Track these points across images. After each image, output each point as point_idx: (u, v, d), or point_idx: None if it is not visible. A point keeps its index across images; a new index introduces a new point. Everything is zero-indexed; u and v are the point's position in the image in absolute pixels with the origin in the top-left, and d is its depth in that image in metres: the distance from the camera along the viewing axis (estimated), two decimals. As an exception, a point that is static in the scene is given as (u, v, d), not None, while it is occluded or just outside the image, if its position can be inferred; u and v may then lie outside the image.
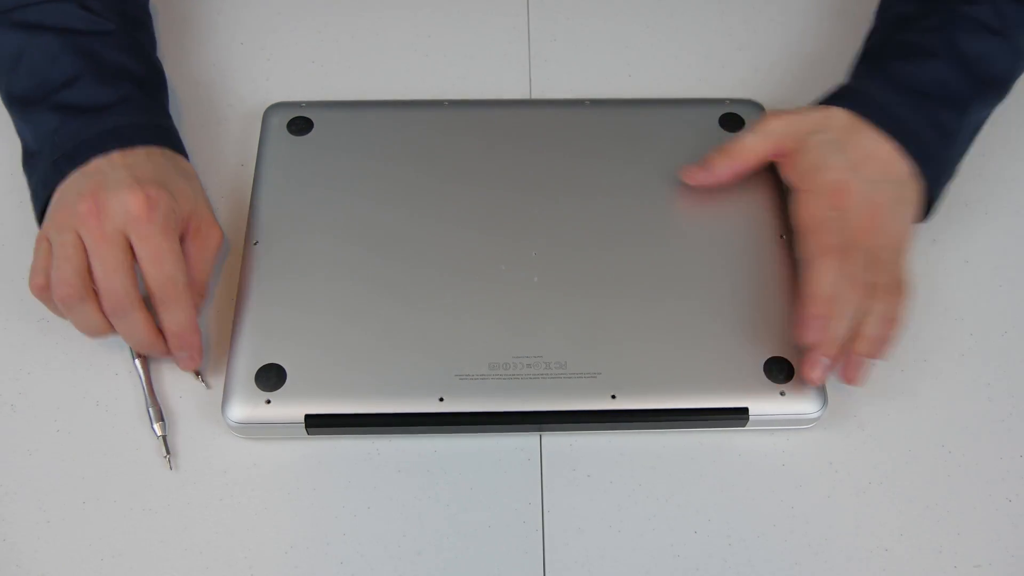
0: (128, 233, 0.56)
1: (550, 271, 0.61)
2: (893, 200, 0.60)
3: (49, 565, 0.54)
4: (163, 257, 0.56)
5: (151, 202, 0.56)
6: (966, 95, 0.63)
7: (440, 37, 0.76)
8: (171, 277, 0.56)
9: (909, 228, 0.60)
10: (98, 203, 0.56)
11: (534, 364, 0.58)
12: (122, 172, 0.58)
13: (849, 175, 0.59)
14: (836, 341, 0.56)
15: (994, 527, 0.56)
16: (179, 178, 0.60)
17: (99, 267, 0.55)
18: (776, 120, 0.62)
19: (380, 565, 0.55)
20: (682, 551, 0.55)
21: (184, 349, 0.58)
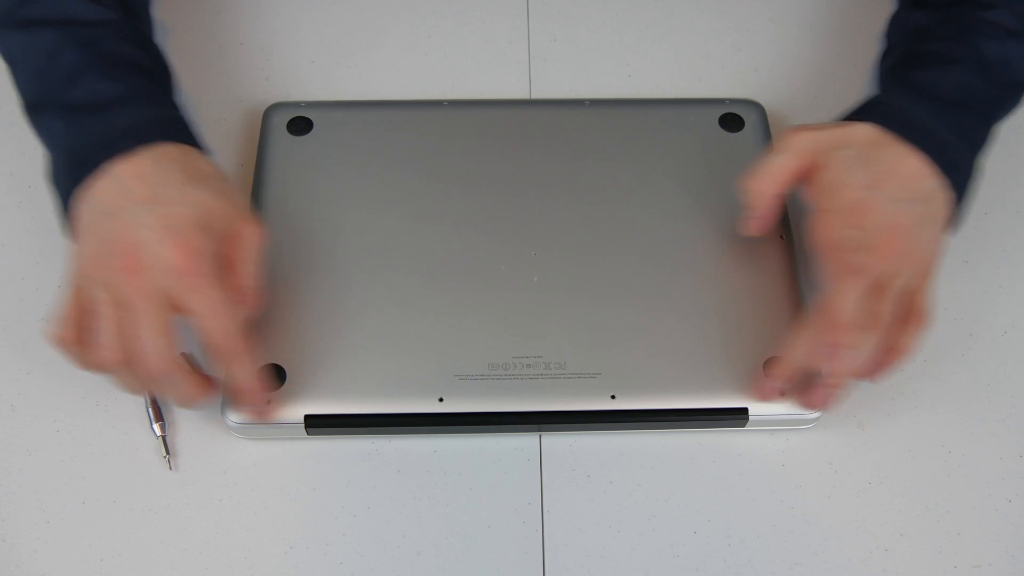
0: (170, 289, 0.52)
1: (550, 271, 0.61)
2: (917, 221, 0.56)
3: (49, 565, 0.54)
4: (217, 311, 0.52)
5: (193, 253, 0.52)
6: (991, 99, 0.61)
7: (440, 37, 0.76)
8: (226, 330, 0.52)
9: (934, 250, 0.57)
10: (135, 258, 0.51)
11: (534, 364, 0.58)
12: (148, 215, 0.52)
13: (869, 193, 0.55)
14: (846, 373, 0.55)
15: (994, 527, 0.56)
16: (202, 189, 0.55)
17: (142, 328, 0.51)
18: (800, 135, 0.59)
19: (380, 565, 0.55)
20: (682, 551, 0.55)
21: (252, 402, 0.55)
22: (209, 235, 0.53)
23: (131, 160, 0.54)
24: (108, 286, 0.52)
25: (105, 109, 0.57)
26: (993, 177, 0.69)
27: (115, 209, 0.53)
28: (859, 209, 0.55)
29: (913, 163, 0.56)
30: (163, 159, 0.55)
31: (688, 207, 0.64)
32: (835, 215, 0.56)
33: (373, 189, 0.64)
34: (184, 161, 0.56)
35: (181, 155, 0.56)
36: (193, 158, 0.57)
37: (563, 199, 0.64)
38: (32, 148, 0.69)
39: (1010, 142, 0.71)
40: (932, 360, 0.62)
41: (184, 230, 0.52)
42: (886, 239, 0.55)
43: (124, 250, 0.52)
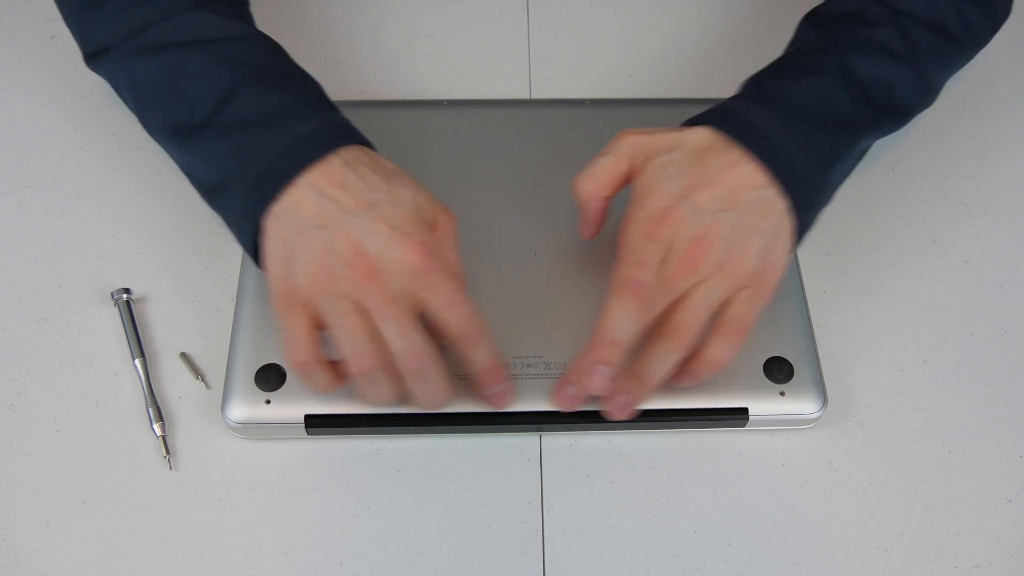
0: (411, 288, 0.51)
1: (550, 271, 0.61)
2: (729, 232, 0.53)
3: (49, 565, 0.54)
4: (457, 300, 0.52)
5: (425, 250, 0.51)
6: (855, 117, 0.58)
7: (440, 37, 0.76)
8: (470, 316, 0.52)
9: (762, 260, 0.54)
10: (371, 264, 0.51)
11: (534, 364, 0.58)
12: (371, 222, 0.52)
13: (676, 200, 0.53)
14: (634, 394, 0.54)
15: (994, 527, 0.56)
16: (403, 186, 0.54)
17: (393, 330, 0.51)
18: (628, 138, 0.57)
19: (380, 565, 0.55)
20: (682, 551, 0.55)
21: (496, 384, 0.54)
22: (428, 229, 0.53)
23: (322, 168, 0.53)
24: (348, 297, 0.51)
25: (275, 121, 0.55)
26: (993, 177, 0.69)
27: (327, 221, 0.52)
28: (663, 218, 0.53)
29: (743, 171, 0.54)
30: (353, 163, 0.54)
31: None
32: (637, 224, 0.54)
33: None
34: (371, 161, 0.55)
35: (365, 156, 0.55)
36: (375, 157, 0.56)
37: (563, 199, 0.64)
38: (32, 148, 0.69)
39: (1010, 142, 0.71)
40: (932, 360, 0.62)
41: (410, 229, 0.52)
42: (689, 251, 0.53)
43: (360, 260, 0.51)
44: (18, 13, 0.76)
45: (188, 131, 0.56)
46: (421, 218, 0.53)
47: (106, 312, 0.62)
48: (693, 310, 0.53)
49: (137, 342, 0.60)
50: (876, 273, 0.65)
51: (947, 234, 0.67)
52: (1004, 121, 0.72)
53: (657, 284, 0.53)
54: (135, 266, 0.64)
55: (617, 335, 0.52)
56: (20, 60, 0.73)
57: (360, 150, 0.55)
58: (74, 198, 0.67)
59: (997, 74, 0.75)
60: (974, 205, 0.68)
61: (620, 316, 0.52)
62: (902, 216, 0.68)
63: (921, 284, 0.65)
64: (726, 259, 0.53)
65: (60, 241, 0.65)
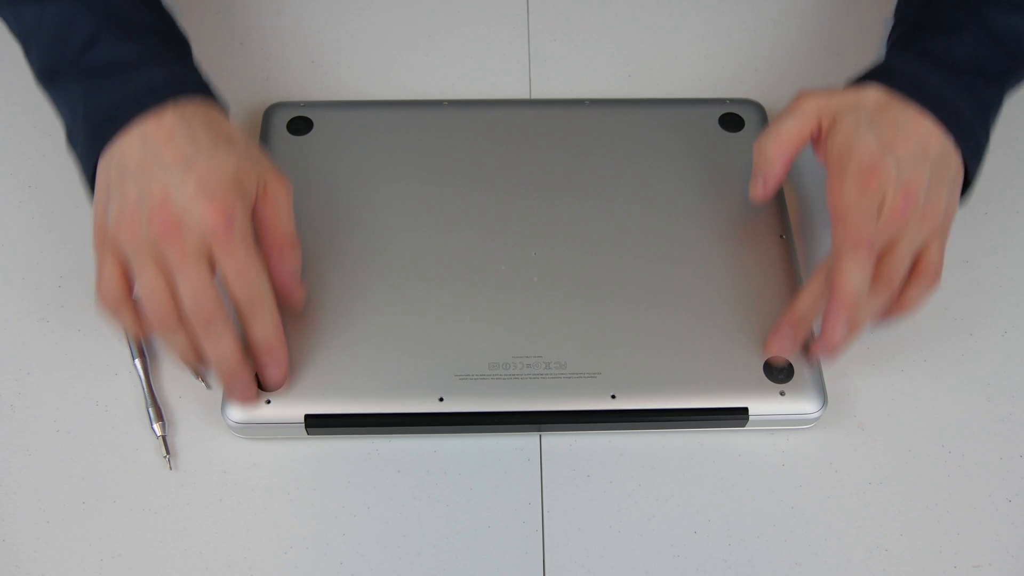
0: (207, 246, 0.53)
1: (550, 271, 0.61)
2: (929, 180, 0.57)
3: (49, 565, 0.54)
4: (247, 269, 0.53)
5: (228, 212, 0.53)
6: (1001, 69, 0.61)
7: (440, 37, 0.76)
8: (257, 289, 0.54)
9: (948, 209, 0.58)
10: (174, 219, 0.52)
11: (534, 364, 0.58)
12: (183, 178, 0.53)
13: (881, 154, 0.56)
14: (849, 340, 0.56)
15: (994, 527, 0.56)
16: (231, 149, 0.56)
17: (187, 287, 0.53)
18: (810, 99, 0.60)
19: (380, 565, 0.55)
20: (682, 551, 0.55)
21: (271, 359, 0.56)
22: (241, 195, 0.54)
23: (157, 119, 0.55)
24: (149, 247, 0.53)
25: (124, 71, 0.57)
26: (993, 177, 0.69)
27: (145, 170, 0.54)
28: (873, 171, 0.56)
29: (924, 125, 0.57)
30: (188, 118, 0.56)
31: (688, 207, 0.64)
32: (850, 178, 0.56)
33: (373, 189, 0.64)
34: (209, 120, 0.57)
35: (205, 113, 0.57)
36: (216, 116, 0.58)
37: (563, 199, 0.64)
38: (32, 148, 0.69)
39: (1010, 142, 0.71)
40: (932, 360, 0.62)
41: (218, 192, 0.53)
42: (900, 202, 0.55)
43: (163, 213, 0.53)
44: (18, 13, 0.76)
45: (52, 74, 0.59)
46: (237, 184, 0.54)
47: (106, 312, 0.62)
48: (902, 257, 0.56)
49: (137, 342, 0.60)
50: (876, 273, 0.65)
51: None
52: (1004, 121, 0.72)
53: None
54: (135, 266, 0.64)
55: (857, 290, 0.54)
56: (20, 60, 0.73)
57: (202, 107, 0.57)
58: (74, 198, 0.67)
59: (997, 74, 0.75)
60: (974, 205, 0.68)
61: (856, 271, 0.54)
62: (902, 216, 0.68)
63: (921, 284, 0.65)
64: (925, 207, 0.56)
65: (60, 241, 0.65)
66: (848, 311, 0.55)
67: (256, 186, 0.56)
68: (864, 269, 0.54)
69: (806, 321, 0.58)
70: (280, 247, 0.57)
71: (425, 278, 0.60)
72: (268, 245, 0.57)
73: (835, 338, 0.55)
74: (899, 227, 0.56)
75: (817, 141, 0.60)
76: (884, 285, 0.56)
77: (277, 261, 0.57)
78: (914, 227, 0.56)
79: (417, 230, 0.62)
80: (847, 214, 0.56)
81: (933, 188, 0.57)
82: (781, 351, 0.58)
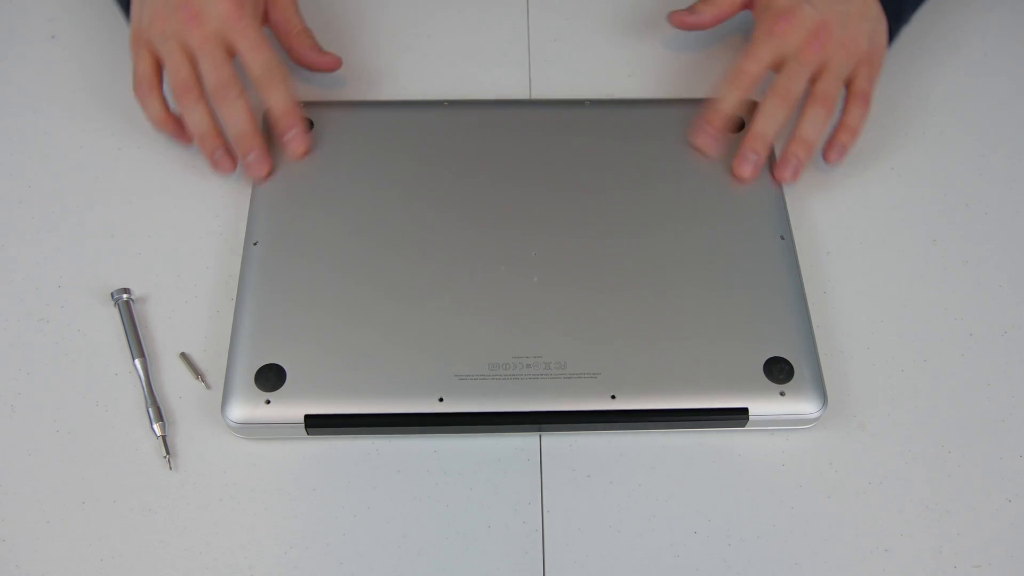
0: (223, 33, 0.63)
1: (550, 271, 0.61)
2: (845, 17, 0.65)
3: (49, 565, 0.54)
4: (260, 45, 0.64)
5: (240, 4, 0.63)
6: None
7: (440, 37, 0.76)
8: (270, 60, 0.64)
9: (872, 43, 0.66)
10: (194, 10, 0.63)
11: (534, 364, 0.58)
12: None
13: (798, 2, 0.65)
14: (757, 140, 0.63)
15: (994, 527, 0.56)
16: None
17: (207, 63, 0.63)
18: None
19: (380, 565, 0.55)
20: (682, 551, 0.55)
21: (291, 122, 0.64)
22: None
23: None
24: (175, 37, 0.63)
25: None
26: (993, 177, 0.70)
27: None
28: (787, 14, 0.65)
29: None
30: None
31: (688, 207, 0.64)
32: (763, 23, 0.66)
33: (373, 189, 0.64)
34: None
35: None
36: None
37: (563, 199, 0.64)
38: (32, 148, 0.69)
39: (1010, 142, 0.71)
40: (932, 360, 0.62)
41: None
42: (814, 34, 0.64)
43: (186, 7, 0.63)
44: (18, 13, 0.76)
45: None
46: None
47: (106, 312, 0.62)
48: (830, 79, 0.65)
49: (137, 342, 0.60)
50: (876, 273, 0.65)
51: (947, 234, 0.67)
52: (1004, 121, 0.72)
53: (794, 67, 0.64)
54: (135, 266, 0.64)
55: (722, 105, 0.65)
56: (20, 60, 0.73)
57: None
58: (74, 198, 0.67)
59: (997, 74, 0.75)
60: (974, 205, 0.68)
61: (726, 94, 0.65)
62: (902, 216, 0.68)
63: (921, 284, 0.65)
64: (844, 39, 0.65)
65: (60, 241, 0.65)
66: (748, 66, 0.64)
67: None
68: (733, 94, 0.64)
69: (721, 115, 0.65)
70: (296, 34, 0.69)
71: (425, 278, 0.60)
72: (285, 36, 0.69)
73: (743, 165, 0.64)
74: (818, 55, 0.64)
75: (752, 5, 0.69)
76: (819, 100, 0.64)
77: (298, 45, 0.69)
78: (837, 56, 0.65)
79: (417, 230, 0.62)
80: (747, 49, 0.65)
81: (853, 23, 0.65)
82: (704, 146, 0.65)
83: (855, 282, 0.65)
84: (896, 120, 0.72)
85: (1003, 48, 0.76)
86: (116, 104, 0.71)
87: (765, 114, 0.64)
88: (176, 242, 0.65)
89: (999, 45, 0.76)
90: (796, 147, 0.64)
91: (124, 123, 0.70)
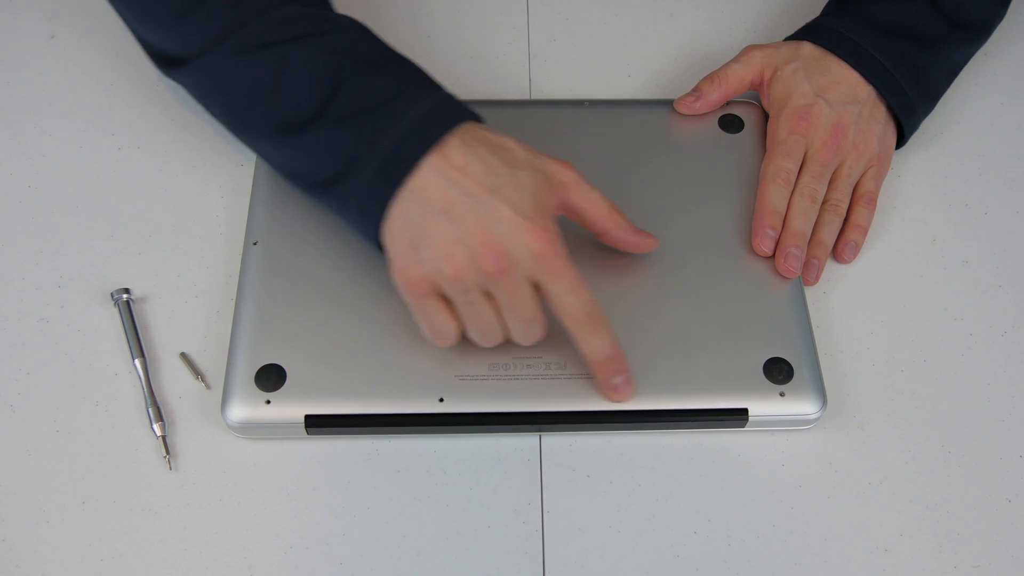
0: (533, 272, 0.52)
1: (550, 271, 0.61)
2: (858, 118, 0.65)
3: (49, 565, 0.54)
4: (578, 286, 0.53)
5: (550, 237, 0.52)
6: (938, 35, 0.67)
7: (440, 37, 0.76)
8: (590, 302, 0.54)
9: (881, 146, 0.66)
10: (499, 257, 0.52)
11: (534, 364, 0.58)
12: (497, 208, 0.52)
13: (814, 99, 0.65)
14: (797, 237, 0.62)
15: (994, 527, 0.56)
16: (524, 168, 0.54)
17: (516, 319, 0.54)
18: (756, 51, 0.68)
19: (380, 565, 0.55)
20: (682, 551, 0.55)
21: (618, 373, 0.55)
22: (549, 212, 0.54)
23: (443, 150, 0.53)
24: (479, 288, 0.53)
25: (390, 105, 0.54)
26: (993, 177, 0.70)
27: (452, 205, 0.52)
28: (805, 114, 0.65)
29: (852, 75, 0.66)
30: (471, 143, 0.54)
31: (688, 208, 0.64)
32: (784, 120, 0.66)
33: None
34: (487, 140, 0.55)
35: (481, 134, 0.55)
36: (488, 134, 0.56)
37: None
38: (32, 148, 0.69)
39: (1010, 142, 0.71)
40: (932, 360, 0.62)
41: (533, 215, 0.52)
42: (829, 136, 0.65)
43: (487, 252, 0.52)
44: (18, 13, 0.76)
45: (297, 126, 0.56)
46: (542, 200, 0.54)
47: (106, 312, 0.62)
48: (842, 187, 0.65)
49: (137, 342, 0.60)
50: (876, 273, 0.65)
51: (947, 234, 0.67)
52: (1004, 121, 0.72)
53: (817, 168, 0.65)
54: (135, 266, 0.64)
55: (776, 207, 0.63)
56: (20, 60, 0.73)
57: (474, 128, 0.55)
58: (74, 198, 0.67)
59: (997, 74, 0.75)
60: (974, 205, 0.68)
61: (775, 194, 0.63)
62: (902, 216, 0.68)
63: (921, 284, 0.65)
64: (857, 141, 0.65)
65: (60, 241, 0.65)
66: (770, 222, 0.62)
67: (551, 191, 0.55)
68: (781, 192, 0.63)
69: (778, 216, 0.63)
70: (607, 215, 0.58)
71: (425, 278, 0.60)
72: (593, 223, 0.58)
73: (761, 245, 0.62)
74: (835, 157, 0.65)
75: (760, 88, 0.69)
76: (832, 208, 0.65)
77: (614, 228, 0.59)
78: (850, 158, 0.65)
79: (417, 230, 0.62)
80: (773, 149, 0.65)
81: (864, 127, 0.66)
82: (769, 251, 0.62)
83: (855, 282, 0.65)
84: (896, 120, 0.72)
85: (1003, 48, 0.76)
86: (116, 104, 0.71)
87: (799, 214, 0.63)
88: (176, 242, 0.65)
89: (999, 45, 0.76)
90: (816, 251, 0.64)
91: (124, 123, 0.70)
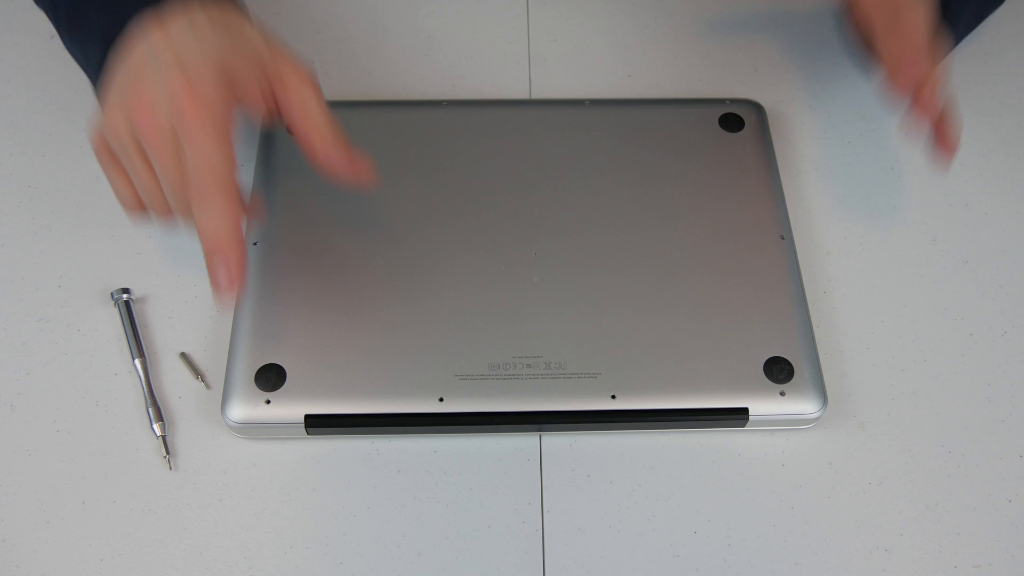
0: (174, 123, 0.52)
1: (550, 271, 0.61)
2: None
3: (49, 565, 0.54)
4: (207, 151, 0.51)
5: (197, 101, 0.51)
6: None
7: (440, 37, 0.76)
8: (208, 175, 0.51)
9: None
10: (146, 100, 0.52)
11: (534, 364, 0.58)
12: (168, 75, 0.52)
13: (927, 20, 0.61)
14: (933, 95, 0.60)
15: (994, 527, 0.56)
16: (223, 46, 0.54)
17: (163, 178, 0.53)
18: None
19: (380, 565, 0.55)
20: (682, 551, 0.55)
21: (220, 258, 0.51)
22: (228, 90, 0.53)
23: (163, 24, 0.55)
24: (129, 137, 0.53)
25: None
26: (993, 177, 0.70)
27: (142, 72, 0.54)
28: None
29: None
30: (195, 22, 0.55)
31: (688, 207, 0.64)
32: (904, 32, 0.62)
33: (373, 189, 0.64)
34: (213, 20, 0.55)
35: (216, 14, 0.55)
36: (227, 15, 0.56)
37: (563, 199, 0.64)
38: (32, 148, 0.69)
39: (1010, 142, 0.71)
40: (932, 360, 0.62)
41: (197, 83, 0.52)
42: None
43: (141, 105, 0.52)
44: (18, 13, 0.76)
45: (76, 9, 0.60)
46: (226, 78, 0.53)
47: (106, 312, 0.62)
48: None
49: (137, 342, 0.60)
50: (876, 273, 0.65)
51: (947, 234, 0.67)
52: (1004, 121, 0.72)
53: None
54: (135, 266, 0.64)
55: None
56: (20, 60, 0.74)
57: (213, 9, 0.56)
58: (74, 198, 0.67)
59: (997, 74, 0.75)
60: (974, 205, 0.68)
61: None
62: (902, 216, 0.68)
63: (921, 284, 0.65)
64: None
65: (60, 241, 0.65)
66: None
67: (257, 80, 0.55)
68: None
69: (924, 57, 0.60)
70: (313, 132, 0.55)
71: (425, 278, 0.60)
72: (300, 133, 0.56)
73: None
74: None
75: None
76: None
77: (320, 147, 0.56)
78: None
79: (417, 230, 0.62)
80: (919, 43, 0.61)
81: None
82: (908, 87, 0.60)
83: (855, 282, 0.65)
84: (896, 120, 0.72)
85: (1003, 49, 0.76)
86: (116, 104, 0.71)
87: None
88: (176, 242, 0.65)
89: (999, 46, 0.76)
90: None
91: (124, 123, 0.70)
